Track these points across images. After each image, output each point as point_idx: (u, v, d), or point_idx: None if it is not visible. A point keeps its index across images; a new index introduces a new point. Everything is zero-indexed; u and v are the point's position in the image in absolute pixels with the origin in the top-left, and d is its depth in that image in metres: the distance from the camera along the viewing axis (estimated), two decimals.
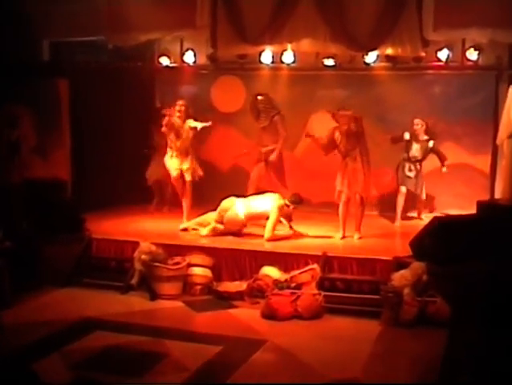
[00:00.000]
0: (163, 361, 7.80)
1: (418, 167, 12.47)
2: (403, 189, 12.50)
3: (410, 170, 12.50)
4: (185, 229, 11.76)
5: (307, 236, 11.51)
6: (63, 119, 12.86)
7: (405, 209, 12.71)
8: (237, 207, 11.35)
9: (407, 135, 12.32)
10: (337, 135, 11.29)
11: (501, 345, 6.99)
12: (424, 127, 12.48)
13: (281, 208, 11.20)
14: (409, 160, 12.49)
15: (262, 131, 12.65)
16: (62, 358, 7.83)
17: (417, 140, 12.42)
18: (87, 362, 7.77)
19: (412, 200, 12.80)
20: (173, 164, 12.04)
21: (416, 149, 12.42)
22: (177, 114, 11.92)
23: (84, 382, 4.97)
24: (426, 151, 12.48)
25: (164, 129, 11.88)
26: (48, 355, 7.83)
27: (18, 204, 11.07)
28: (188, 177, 12.04)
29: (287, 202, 11.22)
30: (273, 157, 12.44)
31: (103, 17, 12.76)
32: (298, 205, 11.32)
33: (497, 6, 10.93)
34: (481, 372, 6.85)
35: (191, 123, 11.96)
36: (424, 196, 12.75)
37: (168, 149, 12.04)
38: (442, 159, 12.45)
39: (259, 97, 12.59)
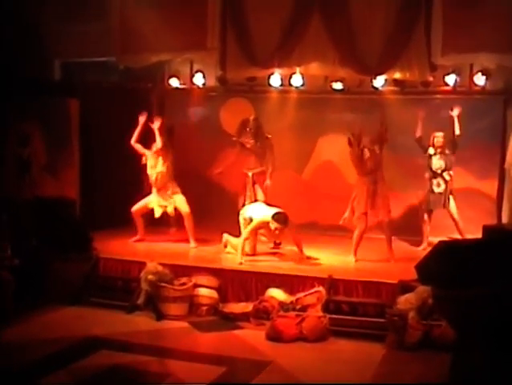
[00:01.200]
0: (167, 381, 7.83)
1: (447, 178, 12.29)
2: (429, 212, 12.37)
3: (438, 185, 12.22)
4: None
5: (314, 260, 11.52)
6: (73, 138, 12.96)
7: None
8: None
9: (431, 150, 12.13)
10: (365, 153, 11.35)
11: (505, 369, 6.99)
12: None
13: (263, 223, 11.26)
14: (434, 175, 12.26)
15: (248, 154, 12.62)
16: (68, 376, 7.86)
17: (441, 154, 12.21)
18: (92, 380, 7.80)
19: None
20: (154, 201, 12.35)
21: (439, 163, 12.22)
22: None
23: None
24: (451, 164, 12.24)
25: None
26: (54, 373, 7.87)
27: (27, 221, 11.13)
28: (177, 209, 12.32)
29: (271, 219, 11.16)
30: (267, 183, 12.44)
31: (114, 38, 12.89)
32: (282, 225, 11.02)
33: (505, 31, 10.97)
34: None
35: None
36: (456, 216, 12.29)
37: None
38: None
39: (251, 119, 12.62)
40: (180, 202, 12.26)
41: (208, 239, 12.34)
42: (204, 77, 13.25)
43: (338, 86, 12.90)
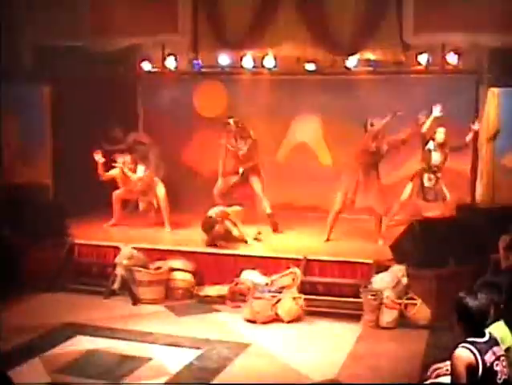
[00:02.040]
0: (144, 365, 7.84)
1: (438, 175, 12.12)
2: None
3: (429, 180, 12.14)
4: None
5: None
6: (46, 124, 12.88)
7: None
8: None
9: (431, 145, 11.99)
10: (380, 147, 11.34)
11: None
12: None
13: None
14: (429, 169, 12.13)
15: (234, 155, 12.57)
16: (43, 363, 7.87)
17: (442, 149, 11.99)
18: (67, 366, 7.81)
19: None
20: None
21: (436, 159, 12.07)
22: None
23: None
24: (446, 160, 12.03)
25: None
26: (29, 360, 7.86)
27: (0, 208, 11.06)
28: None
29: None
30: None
31: (86, 22, 12.79)
32: None
33: (477, 10, 11.00)
34: None
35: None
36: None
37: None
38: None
39: (231, 120, 12.46)
40: (158, 187, 12.24)
41: (182, 223, 12.31)
42: (176, 60, 13.18)
43: (311, 67, 12.87)
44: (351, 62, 12.32)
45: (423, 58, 12.16)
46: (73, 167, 12.84)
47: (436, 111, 11.39)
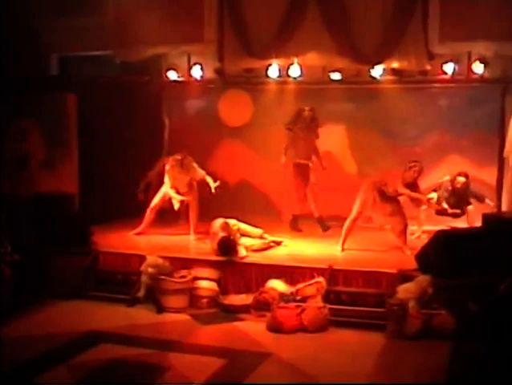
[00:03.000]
0: (168, 374, 7.82)
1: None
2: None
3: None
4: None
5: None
6: (71, 133, 12.95)
7: None
8: None
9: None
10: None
11: (505, 358, 7.00)
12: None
13: None
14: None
15: (299, 143, 12.71)
16: (68, 371, 7.86)
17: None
18: (92, 374, 7.79)
19: None
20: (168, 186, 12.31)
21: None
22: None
23: None
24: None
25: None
26: (53, 368, 7.86)
27: (26, 217, 11.14)
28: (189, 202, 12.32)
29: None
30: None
31: (111, 31, 12.87)
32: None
33: (502, 20, 10.97)
34: None
35: (205, 176, 12.19)
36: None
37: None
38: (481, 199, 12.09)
39: (307, 109, 12.66)
40: (193, 190, 12.37)
41: (208, 231, 12.32)
42: (202, 69, 13.26)
43: (336, 76, 12.90)
44: (377, 71, 12.33)
45: (449, 68, 12.16)
46: (98, 175, 12.92)
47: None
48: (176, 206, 12.31)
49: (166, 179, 12.22)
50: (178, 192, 12.21)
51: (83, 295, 10.60)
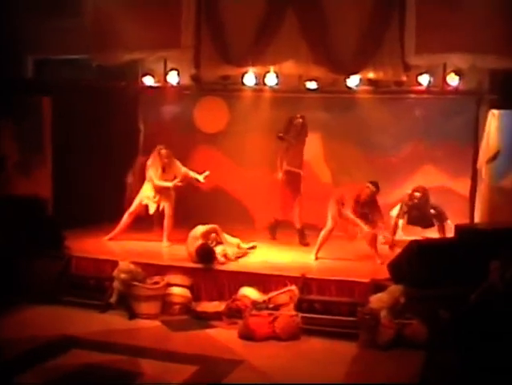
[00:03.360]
0: (139, 380, 7.80)
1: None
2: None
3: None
4: None
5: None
6: (46, 136, 12.88)
7: None
8: None
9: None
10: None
11: (477, 368, 7.04)
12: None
13: None
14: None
15: (289, 150, 12.71)
16: (40, 375, 7.80)
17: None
18: (64, 379, 7.75)
19: None
20: (146, 192, 12.30)
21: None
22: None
23: None
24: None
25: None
26: (24, 372, 7.81)
27: None
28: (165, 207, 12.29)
29: None
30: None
31: (88, 35, 12.78)
32: None
33: (478, 32, 10.99)
34: None
35: (177, 165, 12.17)
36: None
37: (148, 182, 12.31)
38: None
39: (298, 117, 12.69)
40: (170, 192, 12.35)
41: (181, 238, 12.28)
42: (178, 75, 13.21)
43: (312, 85, 12.91)
44: (353, 81, 12.35)
45: (424, 79, 12.20)
46: (73, 180, 12.86)
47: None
48: (152, 209, 12.29)
49: (148, 174, 12.21)
50: (157, 193, 12.18)
51: (55, 300, 10.52)
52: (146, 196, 12.30)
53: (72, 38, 12.72)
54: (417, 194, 11.82)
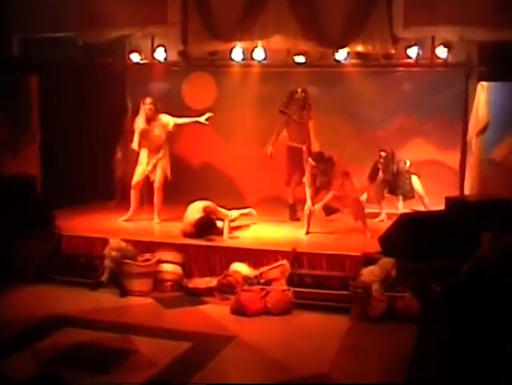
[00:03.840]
0: (132, 357, 7.79)
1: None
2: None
3: None
4: None
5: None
6: (33, 115, 12.81)
7: None
8: None
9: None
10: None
11: (468, 341, 7.06)
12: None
13: None
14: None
15: (293, 126, 12.51)
16: (32, 355, 7.79)
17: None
18: (55, 358, 7.73)
19: None
20: (143, 160, 12.12)
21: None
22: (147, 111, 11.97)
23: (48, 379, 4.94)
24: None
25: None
26: (17, 352, 7.79)
27: None
28: (155, 177, 12.16)
29: None
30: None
31: (74, 13, 12.67)
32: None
33: (466, 4, 10.98)
34: (449, 368, 6.91)
35: (163, 118, 12.03)
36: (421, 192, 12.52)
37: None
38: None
39: (299, 90, 12.43)
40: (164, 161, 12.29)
41: (171, 215, 12.27)
42: (165, 51, 13.13)
43: (300, 59, 12.86)
44: (341, 55, 12.31)
45: (413, 52, 12.17)
46: (61, 158, 12.81)
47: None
48: (153, 176, 12.16)
49: (137, 124, 12.17)
50: (151, 153, 12.16)
51: (45, 279, 10.50)
52: (143, 164, 12.21)
53: (58, 16, 12.60)
54: (383, 154, 11.93)
